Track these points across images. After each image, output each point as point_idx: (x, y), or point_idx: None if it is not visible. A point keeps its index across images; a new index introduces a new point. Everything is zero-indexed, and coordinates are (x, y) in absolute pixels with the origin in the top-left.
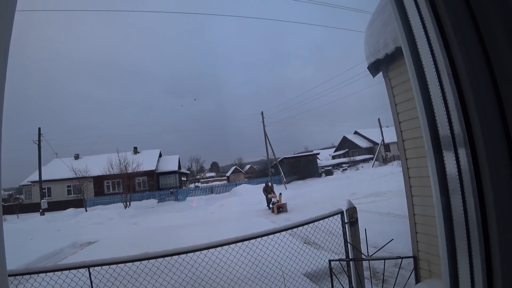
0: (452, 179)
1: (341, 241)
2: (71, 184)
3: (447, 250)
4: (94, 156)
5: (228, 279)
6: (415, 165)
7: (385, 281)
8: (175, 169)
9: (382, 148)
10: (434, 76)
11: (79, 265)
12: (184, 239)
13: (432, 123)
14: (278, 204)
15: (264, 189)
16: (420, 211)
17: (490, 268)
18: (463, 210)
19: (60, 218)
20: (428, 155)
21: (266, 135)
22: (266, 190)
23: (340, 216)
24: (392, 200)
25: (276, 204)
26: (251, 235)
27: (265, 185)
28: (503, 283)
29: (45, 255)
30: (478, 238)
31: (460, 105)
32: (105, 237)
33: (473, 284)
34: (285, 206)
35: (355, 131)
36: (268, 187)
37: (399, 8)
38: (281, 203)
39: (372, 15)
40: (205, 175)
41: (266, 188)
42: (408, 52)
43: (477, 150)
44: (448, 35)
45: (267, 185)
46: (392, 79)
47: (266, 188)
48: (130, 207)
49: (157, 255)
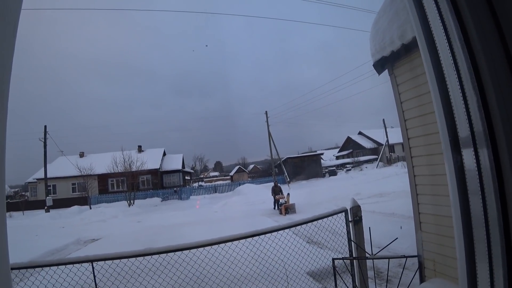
0: (471, 179)
1: (345, 240)
2: (76, 182)
3: (465, 252)
4: (99, 154)
5: (231, 276)
6: (421, 163)
7: (389, 281)
8: (179, 168)
9: (386, 149)
10: (454, 74)
11: (82, 260)
12: (187, 237)
13: (450, 121)
14: (286, 205)
15: (272, 189)
16: (426, 210)
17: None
18: (483, 211)
19: (64, 215)
20: (446, 154)
21: (270, 134)
22: (275, 190)
23: (344, 215)
24: (397, 200)
25: (284, 205)
26: (254, 232)
27: (274, 185)
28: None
29: (49, 251)
30: (500, 240)
31: (481, 103)
32: (109, 234)
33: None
34: (293, 207)
35: (359, 131)
36: (277, 187)
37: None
38: (289, 204)
39: (378, 13)
40: (209, 174)
41: (275, 188)
42: (426, 49)
43: (498, 150)
44: (468, 29)
45: (275, 185)
46: (397, 76)
47: (274, 188)
48: (134, 205)
49: (160, 250)
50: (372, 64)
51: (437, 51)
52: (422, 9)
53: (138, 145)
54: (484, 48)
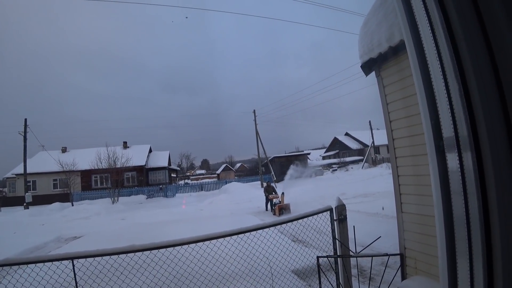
0: (454, 180)
1: (330, 238)
2: (57, 178)
3: (446, 250)
4: (82, 150)
5: (216, 273)
6: (405, 163)
7: (372, 278)
8: (165, 165)
9: (372, 150)
10: (440, 76)
11: (62, 257)
12: (172, 234)
13: (435, 123)
14: (280, 205)
15: (265, 189)
16: (409, 209)
17: (491, 270)
18: (465, 210)
19: (45, 212)
20: (430, 155)
21: (257, 133)
22: (267, 190)
23: (329, 213)
24: (380, 200)
25: (278, 205)
26: (240, 229)
27: (266, 185)
28: (504, 286)
29: (28, 249)
30: (480, 240)
31: (466, 106)
32: (92, 232)
33: (473, 287)
34: (288, 207)
35: (346, 132)
36: (270, 187)
37: (404, 2)
38: (283, 204)
39: (367, 15)
40: (195, 172)
41: (268, 188)
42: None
43: (482, 152)
44: (456, 34)
45: (268, 185)
46: (384, 78)
47: (267, 188)
48: (118, 202)
49: (144, 247)
50: (360, 66)
51: (424, 54)
52: (411, 12)
53: (123, 141)
54: (470, 53)
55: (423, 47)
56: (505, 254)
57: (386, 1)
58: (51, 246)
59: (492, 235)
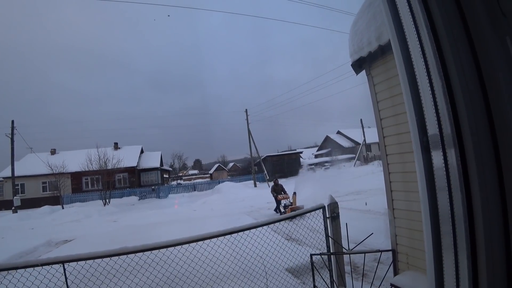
0: (439, 176)
1: (323, 236)
2: (46, 181)
3: (432, 246)
4: (72, 152)
5: (210, 274)
6: (395, 161)
7: (365, 275)
8: (157, 166)
9: (363, 148)
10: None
11: (52, 261)
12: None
13: (421, 122)
14: (293, 207)
15: (272, 188)
16: (399, 206)
17: (475, 264)
18: (449, 207)
19: (34, 215)
20: (416, 152)
21: (250, 133)
22: (275, 190)
23: (322, 211)
24: (372, 198)
25: (290, 207)
26: (233, 229)
27: (274, 183)
28: (488, 279)
29: (17, 254)
30: (465, 234)
31: (450, 105)
32: (83, 235)
33: (458, 280)
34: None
35: (338, 131)
36: (278, 186)
37: (390, 3)
38: (295, 206)
39: (357, 14)
40: (188, 172)
41: (275, 187)
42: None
43: (465, 150)
44: (440, 35)
45: (276, 184)
46: (374, 76)
47: (275, 187)
48: (109, 204)
49: (136, 249)
50: (351, 64)
51: (409, 53)
52: (396, 12)
53: (114, 142)
54: (453, 52)
55: (408, 46)
56: (489, 247)
57: (375, 1)
58: (41, 250)
59: (476, 229)
